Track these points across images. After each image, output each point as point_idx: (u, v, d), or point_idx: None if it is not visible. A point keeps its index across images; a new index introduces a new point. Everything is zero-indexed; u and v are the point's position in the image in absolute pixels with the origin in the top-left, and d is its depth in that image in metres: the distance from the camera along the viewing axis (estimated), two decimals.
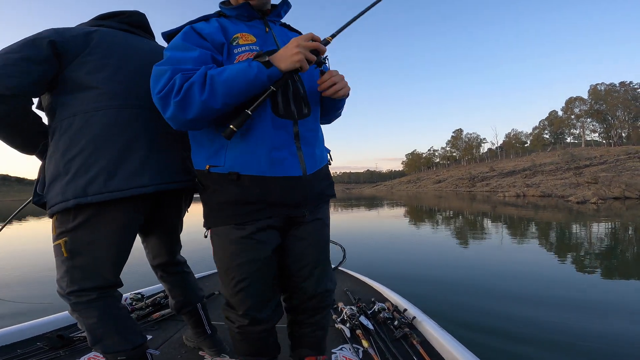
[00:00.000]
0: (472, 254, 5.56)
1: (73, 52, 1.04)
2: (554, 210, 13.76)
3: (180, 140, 1.20)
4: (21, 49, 0.97)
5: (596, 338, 2.41)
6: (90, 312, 1.07)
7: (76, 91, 1.05)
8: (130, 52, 1.15)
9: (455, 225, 9.96)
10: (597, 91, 68.04)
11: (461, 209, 16.87)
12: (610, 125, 67.63)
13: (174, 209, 1.32)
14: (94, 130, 1.02)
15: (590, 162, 44.09)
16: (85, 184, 0.99)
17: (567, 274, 4.23)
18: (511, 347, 2.27)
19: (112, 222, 1.06)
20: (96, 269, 1.07)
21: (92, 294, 1.06)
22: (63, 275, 1.07)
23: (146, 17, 1.32)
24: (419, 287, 3.73)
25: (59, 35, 1.03)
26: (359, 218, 12.97)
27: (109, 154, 1.02)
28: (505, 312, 2.89)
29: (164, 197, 1.20)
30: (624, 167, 33.47)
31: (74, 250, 1.04)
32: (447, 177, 77.20)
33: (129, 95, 1.09)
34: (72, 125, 1.02)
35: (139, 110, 1.10)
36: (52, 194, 1.02)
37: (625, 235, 7.24)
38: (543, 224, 9.34)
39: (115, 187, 1.01)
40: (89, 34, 1.09)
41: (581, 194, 20.23)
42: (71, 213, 1.02)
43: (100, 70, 1.07)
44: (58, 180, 1.02)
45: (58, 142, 1.03)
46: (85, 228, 1.04)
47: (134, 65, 1.13)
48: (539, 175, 44.63)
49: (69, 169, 1.00)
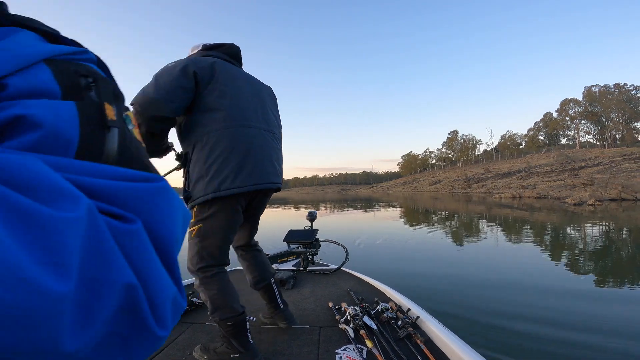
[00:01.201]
0: (474, 254, 5.46)
1: (206, 80, 1.34)
2: (552, 212, 13.65)
3: (279, 153, 1.59)
4: (175, 78, 1.24)
5: (604, 337, 2.38)
6: (212, 285, 1.41)
7: (208, 112, 1.35)
8: (239, 83, 1.46)
9: (456, 226, 9.79)
10: (591, 93, 68.37)
11: (459, 210, 16.74)
12: (605, 127, 67.91)
13: (262, 203, 1.65)
14: (224, 145, 1.34)
15: (585, 164, 44.24)
16: (219, 183, 1.32)
17: (574, 274, 4.09)
18: (516, 345, 2.25)
19: (229, 210, 1.40)
20: (217, 250, 1.42)
21: (214, 269, 1.43)
22: (194, 255, 1.41)
23: (240, 49, 1.62)
24: (422, 286, 3.69)
25: (197, 66, 1.32)
26: (357, 220, 12.67)
27: (234, 161, 1.34)
28: (509, 311, 2.86)
29: (257, 193, 1.52)
30: (619, 169, 33.49)
31: (205, 234, 1.39)
32: (443, 179, 77.39)
33: (245, 117, 1.42)
34: (209, 140, 1.34)
35: (253, 129, 1.43)
36: (197, 190, 1.34)
37: (632, 236, 7.05)
38: (545, 226, 9.16)
39: (237, 184, 1.34)
40: (212, 65, 1.37)
41: (578, 195, 20.08)
42: (207, 205, 1.36)
43: (223, 96, 1.37)
44: (201, 180, 1.34)
45: (200, 152, 1.34)
46: (215, 217, 1.38)
47: (245, 94, 1.47)
48: (534, 176, 44.69)
49: (208, 172, 1.33)
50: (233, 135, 1.35)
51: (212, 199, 1.33)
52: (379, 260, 5.30)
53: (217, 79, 1.36)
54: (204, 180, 1.32)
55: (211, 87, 1.34)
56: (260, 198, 1.57)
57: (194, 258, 1.41)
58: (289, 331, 1.68)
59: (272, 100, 1.65)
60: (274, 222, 12.16)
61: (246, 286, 2.52)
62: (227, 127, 1.35)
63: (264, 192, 1.55)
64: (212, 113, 1.34)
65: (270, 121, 1.55)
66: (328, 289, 2.45)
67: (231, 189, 1.32)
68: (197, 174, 1.34)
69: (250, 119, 1.43)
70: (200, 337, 1.67)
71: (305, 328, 1.73)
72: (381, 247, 6.55)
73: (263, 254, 1.79)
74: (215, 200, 1.34)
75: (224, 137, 1.34)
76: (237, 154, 1.35)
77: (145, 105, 1.20)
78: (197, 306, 2.08)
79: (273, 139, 1.53)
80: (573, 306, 3.02)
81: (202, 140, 1.34)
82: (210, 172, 1.32)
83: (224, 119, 1.35)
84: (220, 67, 1.39)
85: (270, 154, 1.49)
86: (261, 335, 1.67)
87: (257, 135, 1.44)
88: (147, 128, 1.26)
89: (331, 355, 1.42)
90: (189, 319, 1.91)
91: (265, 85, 1.66)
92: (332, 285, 2.54)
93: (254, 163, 1.39)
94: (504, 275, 4.15)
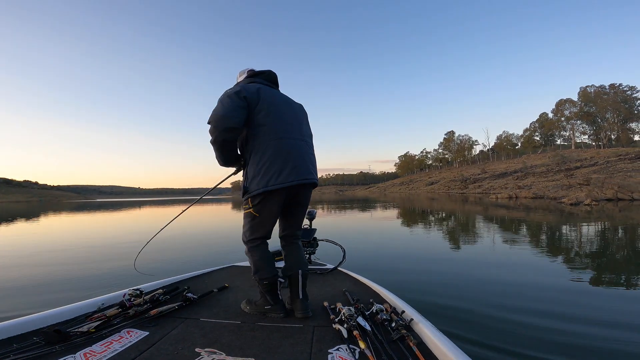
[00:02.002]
0: (471, 256, 5.34)
1: (254, 103, 1.81)
2: (549, 213, 13.60)
3: (312, 157, 2.03)
4: (233, 99, 1.73)
5: (601, 340, 2.35)
6: (257, 252, 1.90)
7: (258, 127, 1.81)
8: (278, 103, 1.91)
9: (454, 227, 9.72)
10: (587, 93, 68.63)
11: (456, 211, 16.68)
12: (600, 128, 68.20)
13: (305, 196, 2.00)
14: (270, 153, 1.79)
15: (580, 164, 44.44)
16: (267, 181, 1.76)
17: (575, 277, 3.99)
18: (508, 350, 2.22)
19: (273, 200, 1.82)
20: (263, 227, 1.89)
21: (258, 241, 1.91)
22: (247, 230, 1.92)
23: (276, 75, 2.10)
24: (416, 288, 3.67)
25: (247, 91, 1.80)
26: (355, 220, 12.60)
27: (277, 165, 1.78)
28: (502, 316, 2.80)
29: (299, 188, 1.89)
30: (615, 169, 33.66)
31: (254, 216, 1.87)
32: (439, 179, 77.55)
33: (284, 131, 1.85)
34: (259, 149, 1.80)
35: (290, 140, 1.86)
36: (252, 186, 1.80)
37: (630, 235, 7.05)
38: (542, 226, 9.12)
39: (279, 182, 1.76)
40: (258, 91, 1.84)
41: (574, 195, 20.13)
42: (259, 196, 1.80)
43: (267, 115, 1.82)
44: (255, 179, 1.79)
45: (254, 158, 1.81)
46: (262, 204, 1.83)
47: (283, 112, 1.90)
48: (530, 176, 44.85)
49: (259, 173, 1.78)
50: (276, 145, 1.80)
51: (262, 192, 1.77)
52: (376, 260, 5.29)
53: (263, 101, 1.83)
54: (257, 179, 1.78)
55: (259, 107, 1.81)
56: (302, 192, 1.95)
57: (247, 232, 1.92)
58: (283, 329, 1.70)
59: (303, 115, 2.10)
60: None
61: (246, 281, 2.68)
62: (272, 139, 1.80)
63: (304, 186, 1.91)
64: (261, 128, 1.81)
65: (303, 132, 1.99)
66: (324, 288, 2.44)
67: (275, 185, 1.76)
68: (252, 174, 1.81)
69: (288, 131, 1.87)
70: (193, 332, 1.67)
71: (299, 327, 1.74)
72: (379, 247, 6.53)
73: (301, 247, 2.10)
74: (263, 194, 1.79)
75: (270, 147, 1.79)
76: (279, 160, 1.78)
77: (218, 120, 1.69)
78: (192, 302, 2.08)
79: (306, 146, 1.96)
80: (572, 307, 2.99)
81: (255, 149, 1.81)
82: (261, 173, 1.77)
83: (269, 132, 1.81)
84: (264, 92, 1.86)
85: (305, 158, 1.90)
86: (254, 332, 1.66)
87: (294, 145, 1.87)
88: (223, 137, 1.73)
89: (324, 355, 1.42)
90: (183, 314, 1.91)
91: (297, 103, 2.10)
92: (328, 285, 2.53)
93: (292, 166, 1.80)
94: (504, 277, 4.10)
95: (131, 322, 1.75)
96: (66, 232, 10.72)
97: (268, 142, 1.79)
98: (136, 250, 2.82)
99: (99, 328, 1.62)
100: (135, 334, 1.61)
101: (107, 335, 1.59)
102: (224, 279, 2.69)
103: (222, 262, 3.52)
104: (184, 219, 13.37)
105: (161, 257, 5.73)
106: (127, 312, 1.82)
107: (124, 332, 1.63)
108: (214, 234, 9.36)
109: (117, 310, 1.82)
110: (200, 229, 10.53)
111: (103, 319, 1.70)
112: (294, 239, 2.07)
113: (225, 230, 10.28)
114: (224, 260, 4.00)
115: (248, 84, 1.91)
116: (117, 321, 1.74)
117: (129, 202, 56.36)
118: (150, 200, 68.47)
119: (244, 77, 2.03)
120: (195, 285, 2.49)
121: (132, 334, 1.61)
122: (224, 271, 3.01)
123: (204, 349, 1.47)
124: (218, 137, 1.73)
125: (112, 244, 7.73)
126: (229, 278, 2.75)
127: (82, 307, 1.88)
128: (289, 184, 1.77)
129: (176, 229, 10.02)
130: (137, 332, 1.64)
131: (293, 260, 2.00)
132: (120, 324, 1.72)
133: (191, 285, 2.48)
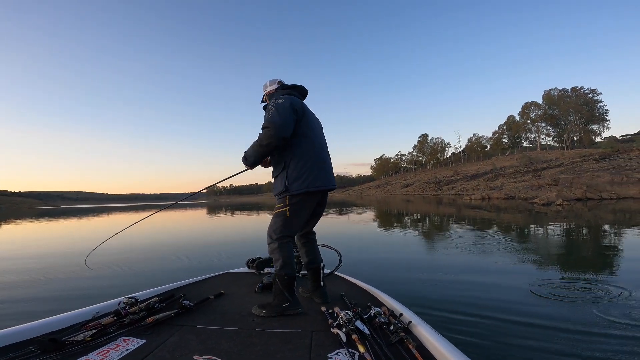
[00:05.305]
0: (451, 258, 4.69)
1: (300, 115, 2.12)
2: (523, 213, 13.55)
3: (331, 165, 2.32)
4: (289, 111, 2.02)
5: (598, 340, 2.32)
6: (286, 249, 2.06)
7: (301, 137, 2.11)
8: (312, 117, 2.28)
9: (432, 229, 9.15)
10: (550, 96, 71.70)
11: (431, 212, 16.41)
12: (563, 130, 71.41)
13: (325, 200, 2.34)
14: (312, 161, 2.10)
15: (547, 165, 46.04)
16: (308, 183, 2.05)
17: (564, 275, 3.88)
18: (508, 350, 2.22)
19: (308, 202, 2.11)
20: (294, 227, 2.12)
21: (288, 239, 2.09)
22: (277, 227, 2.08)
23: (307, 90, 2.44)
24: (414, 291, 3.66)
25: (297, 105, 2.12)
26: (342, 223, 11.80)
27: (315, 171, 2.09)
28: (500, 316, 2.80)
29: (325, 193, 2.26)
30: (581, 169, 34.82)
31: (289, 215, 2.07)
32: (414, 181, 78.65)
33: (320, 145, 2.22)
34: (303, 156, 2.09)
35: (324, 153, 2.24)
36: (294, 187, 2.05)
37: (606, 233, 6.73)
38: (522, 228, 8.79)
39: (317, 185, 2.07)
40: (302, 106, 2.20)
41: (545, 195, 20.31)
42: (298, 196, 2.06)
43: (307, 127, 2.16)
44: (297, 180, 2.05)
45: (297, 162, 2.08)
46: (299, 204, 2.08)
47: (316, 127, 2.28)
48: (500, 178, 45.98)
49: (302, 176, 2.06)
50: (316, 155, 2.13)
51: (304, 192, 2.05)
52: (371, 264, 5.17)
53: (304, 115, 2.16)
54: (299, 181, 2.05)
55: (304, 121, 2.14)
56: (325, 197, 2.31)
57: (278, 229, 2.08)
58: (281, 335, 1.68)
59: (321, 127, 2.41)
60: (264, 225, 11.18)
61: (242, 287, 2.66)
62: (311, 149, 2.12)
63: (326, 192, 2.24)
64: (303, 138, 2.12)
65: (324, 142, 2.32)
66: None
67: (314, 187, 2.06)
68: (295, 176, 2.06)
69: (322, 145, 2.26)
70: (191, 339, 1.63)
71: (297, 332, 1.72)
72: (370, 251, 6.16)
73: (316, 243, 2.41)
74: (304, 194, 2.07)
75: (311, 156, 2.11)
76: (316, 167, 2.10)
77: (277, 128, 1.95)
78: (188, 309, 2.02)
79: (327, 155, 2.30)
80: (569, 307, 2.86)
81: (298, 156, 2.09)
82: (303, 177, 2.05)
83: (311, 144, 2.13)
84: (305, 108, 2.23)
85: (330, 168, 2.26)
86: (253, 338, 1.63)
87: (325, 157, 2.24)
88: (277, 144, 2.00)
89: None
90: (179, 322, 1.87)
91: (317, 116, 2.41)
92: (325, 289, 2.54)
93: (324, 174, 2.14)
94: (499, 278, 3.98)
95: (127, 330, 1.71)
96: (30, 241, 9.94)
97: (309, 151, 2.11)
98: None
99: (94, 336, 1.59)
100: (132, 342, 1.58)
101: (103, 343, 1.55)
102: (220, 286, 2.66)
103: (217, 268, 3.47)
104: (179, 225, 13.41)
105: (152, 265, 5.57)
106: (123, 320, 1.77)
107: (120, 340, 1.60)
108: (208, 240, 8.58)
109: (112, 319, 1.77)
110: (193, 236, 9.43)
111: (99, 327, 1.66)
112: (312, 235, 2.40)
113: (219, 237, 9.28)
114: (219, 267, 3.96)
115: (291, 96, 2.17)
116: (112, 329, 1.70)
117: (95, 209, 53.24)
118: (119, 207, 65.01)
119: (275, 87, 2.35)
120: (190, 293, 2.45)
121: (129, 342, 1.57)
122: (219, 278, 3.01)
123: (202, 357, 1.45)
124: (272, 143, 2.00)
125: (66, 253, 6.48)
126: (225, 285, 2.75)
127: (78, 316, 1.86)
128: (324, 187, 2.11)
129: (167, 235, 9.59)
130: (133, 340, 1.61)
131: (314, 255, 2.32)
132: (116, 332, 1.68)
133: (187, 292, 2.44)
